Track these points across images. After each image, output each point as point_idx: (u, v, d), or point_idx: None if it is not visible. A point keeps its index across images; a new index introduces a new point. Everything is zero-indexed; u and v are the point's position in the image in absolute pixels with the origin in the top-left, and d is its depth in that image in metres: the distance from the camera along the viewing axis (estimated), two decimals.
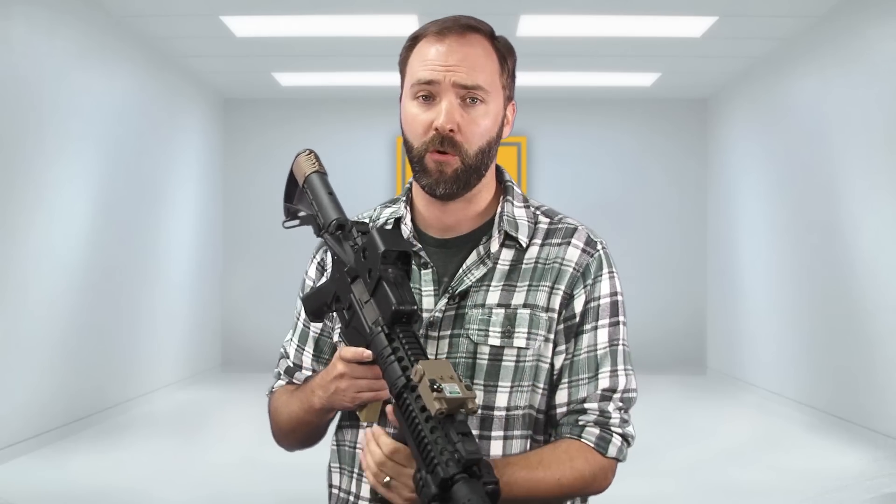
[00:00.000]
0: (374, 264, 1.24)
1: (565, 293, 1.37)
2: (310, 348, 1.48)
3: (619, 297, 1.40)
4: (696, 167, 9.54)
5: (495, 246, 1.38)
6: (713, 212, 9.33)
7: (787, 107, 7.31)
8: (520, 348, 1.34)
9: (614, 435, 1.34)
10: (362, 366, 1.25)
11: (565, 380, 1.36)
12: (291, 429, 1.44)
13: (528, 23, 6.67)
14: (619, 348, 1.38)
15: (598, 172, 9.50)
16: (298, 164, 1.45)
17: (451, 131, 1.31)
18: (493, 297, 1.36)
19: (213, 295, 9.21)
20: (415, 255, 1.38)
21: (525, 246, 1.39)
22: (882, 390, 5.67)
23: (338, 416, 1.45)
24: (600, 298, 1.38)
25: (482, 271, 1.37)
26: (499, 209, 1.41)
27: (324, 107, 9.42)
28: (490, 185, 1.42)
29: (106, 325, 6.55)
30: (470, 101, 1.33)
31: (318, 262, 1.49)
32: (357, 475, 1.40)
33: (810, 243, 6.81)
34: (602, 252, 1.40)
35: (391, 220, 1.45)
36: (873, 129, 5.78)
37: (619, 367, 1.37)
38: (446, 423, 1.09)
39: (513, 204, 1.42)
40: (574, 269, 1.38)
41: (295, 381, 1.49)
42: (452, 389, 1.09)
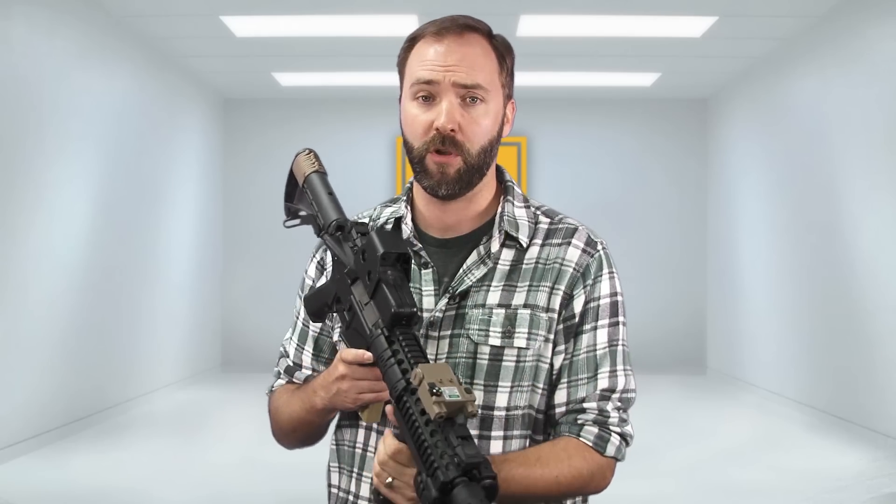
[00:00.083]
0: (373, 266, 1.24)
1: (565, 293, 1.37)
2: (309, 347, 1.48)
3: (619, 298, 1.39)
4: (696, 167, 9.54)
5: (496, 246, 1.38)
6: (713, 212, 9.33)
7: (787, 107, 7.31)
8: (520, 348, 1.34)
9: (612, 434, 1.33)
10: (363, 367, 1.25)
11: (564, 380, 1.36)
12: (292, 428, 1.44)
13: (528, 23, 6.67)
14: (619, 348, 1.37)
15: (598, 172, 9.50)
16: (298, 164, 1.44)
17: (452, 131, 1.31)
18: (494, 297, 1.35)
19: (213, 295, 9.21)
20: (415, 255, 1.38)
21: (525, 246, 1.39)
22: (882, 390, 5.67)
23: (337, 415, 1.45)
24: (600, 299, 1.37)
25: (483, 271, 1.37)
26: (499, 209, 1.40)
27: (324, 107, 9.42)
28: (491, 184, 1.42)
29: (106, 325, 6.55)
30: (470, 100, 1.33)
31: (318, 261, 1.49)
32: (357, 475, 1.40)
33: (810, 243, 6.81)
34: (602, 252, 1.40)
35: (391, 220, 1.44)
36: (873, 129, 5.78)
37: (618, 367, 1.36)
38: (446, 427, 1.09)
39: (513, 204, 1.42)
40: (574, 269, 1.37)
41: (295, 380, 1.49)
42: (452, 393, 1.09)
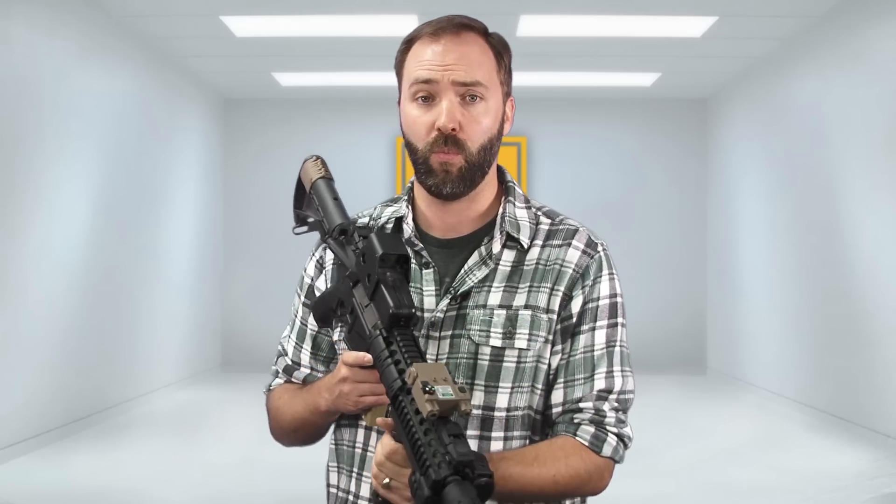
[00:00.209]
0: (372, 268, 1.24)
1: (565, 294, 1.36)
2: (308, 345, 1.48)
3: (619, 299, 1.39)
4: (696, 167, 9.54)
5: (497, 247, 1.38)
6: (713, 212, 9.33)
7: (787, 107, 7.31)
8: (521, 349, 1.34)
9: (609, 434, 1.33)
10: (364, 370, 1.25)
11: (561, 379, 1.36)
12: (294, 428, 1.44)
13: (528, 23, 6.67)
14: (617, 349, 1.37)
15: (598, 172, 9.50)
16: (306, 171, 1.45)
17: (454, 130, 1.31)
18: (495, 298, 1.35)
19: (213, 295, 9.21)
20: (416, 255, 1.38)
21: (526, 247, 1.39)
22: (882, 390, 5.67)
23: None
24: (599, 300, 1.37)
25: (484, 272, 1.36)
26: (500, 210, 1.40)
27: (324, 107, 9.42)
28: (492, 184, 1.42)
29: (106, 325, 6.55)
30: (470, 98, 1.33)
31: (317, 260, 1.49)
32: (357, 474, 1.40)
33: (810, 243, 6.81)
34: (602, 253, 1.40)
35: (392, 220, 1.44)
36: (873, 129, 5.78)
37: (615, 368, 1.36)
38: (439, 425, 1.08)
39: (514, 205, 1.42)
40: (574, 270, 1.37)
41: (294, 379, 1.49)
42: (445, 391, 1.09)
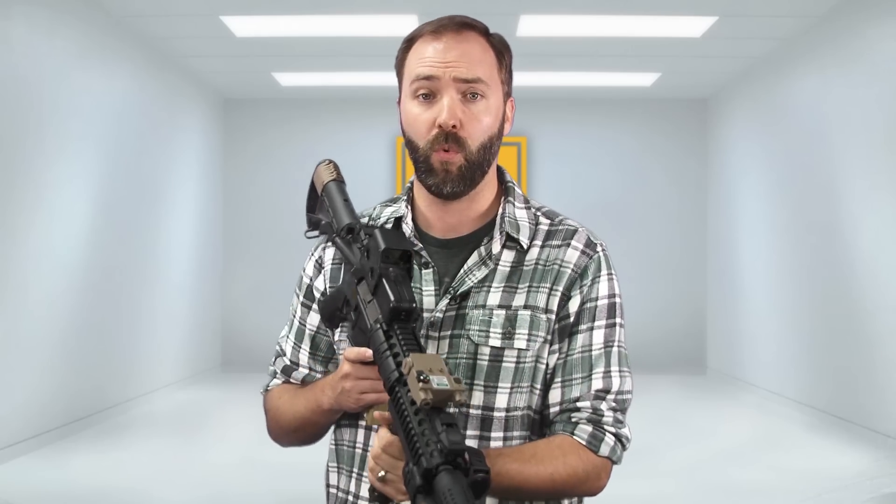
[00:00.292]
0: (375, 263, 1.25)
1: (563, 294, 1.36)
2: (306, 346, 1.48)
3: (618, 300, 1.39)
4: (696, 167, 9.54)
5: (497, 247, 1.38)
6: (713, 212, 9.33)
7: (787, 107, 7.31)
8: (520, 350, 1.34)
9: (607, 434, 1.32)
10: (366, 366, 1.25)
11: (558, 379, 1.35)
12: (295, 428, 1.44)
13: (528, 23, 6.67)
14: (615, 349, 1.36)
15: (598, 172, 9.50)
16: (318, 174, 1.47)
17: (454, 127, 1.31)
18: (494, 298, 1.35)
19: (213, 295, 9.21)
20: (416, 255, 1.38)
21: (526, 247, 1.39)
22: (882, 390, 5.67)
23: None
24: (598, 300, 1.37)
25: (483, 272, 1.36)
26: (500, 210, 1.40)
27: (324, 107, 9.42)
28: (492, 184, 1.42)
29: (106, 325, 6.55)
30: (471, 96, 1.33)
31: (316, 260, 1.48)
32: (357, 475, 1.40)
33: (810, 243, 6.81)
34: (602, 254, 1.39)
35: (392, 220, 1.44)
36: (873, 129, 5.78)
37: (613, 368, 1.35)
38: (433, 415, 1.08)
39: (514, 205, 1.41)
40: (573, 270, 1.37)
41: (292, 379, 1.48)
42: (440, 381, 1.09)
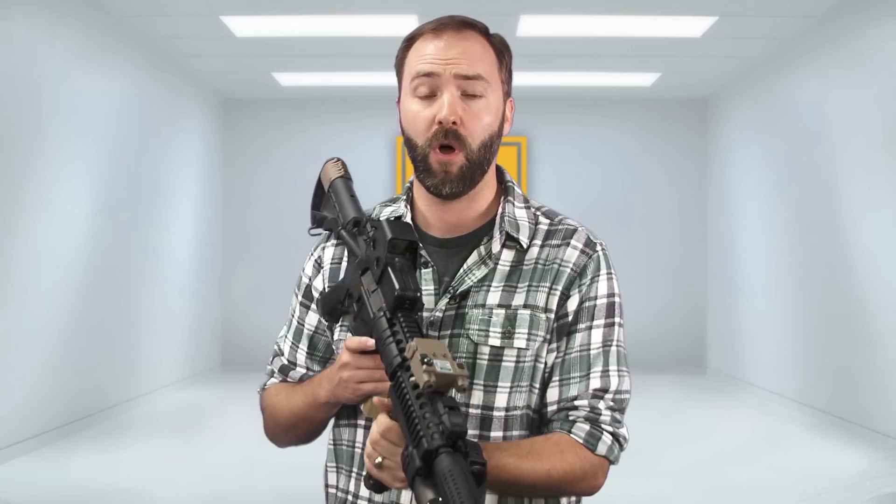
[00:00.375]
0: (381, 253, 1.26)
1: (563, 293, 1.36)
2: (304, 345, 1.47)
3: (617, 299, 1.38)
4: (696, 167, 9.54)
5: (496, 246, 1.37)
6: (713, 212, 9.33)
7: (787, 107, 7.31)
8: (520, 349, 1.34)
9: (604, 433, 1.32)
10: (365, 356, 1.25)
11: (556, 378, 1.35)
12: (292, 424, 1.43)
13: (528, 23, 6.67)
14: (613, 349, 1.36)
15: (598, 172, 9.50)
16: (326, 171, 1.48)
17: (454, 124, 1.31)
18: (494, 297, 1.35)
19: (213, 295, 9.21)
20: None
21: (525, 247, 1.38)
22: (882, 390, 5.67)
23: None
24: (597, 299, 1.37)
25: (483, 272, 1.36)
26: (500, 210, 1.40)
27: (324, 107, 9.42)
28: (491, 184, 1.42)
29: (106, 325, 6.55)
30: (471, 94, 1.33)
31: (316, 260, 1.48)
32: (356, 474, 1.39)
33: (810, 243, 6.81)
34: (601, 253, 1.39)
35: (391, 219, 1.44)
36: (873, 129, 5.78)
37: (611, 367, 1.35)
38: (435, 399, 1.08)
39: (514, 205, 1.41)
40: (572, 269, 1.37)
41: (289, 379, 1.48)
42: (444, 366, 1.09)
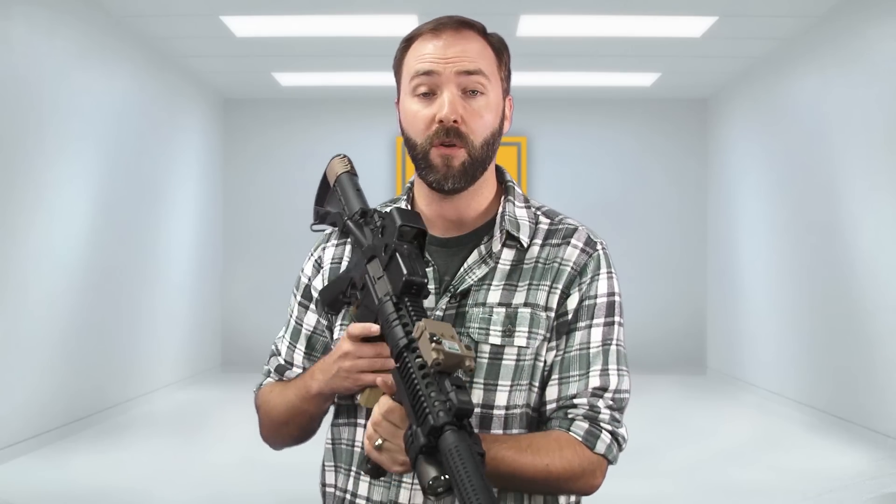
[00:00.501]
0: (390, 240, 1.26)
1: (563, 292, 1.36)
2: (301, 345, 1.47)
3: (617, 298, 1.38)
4: (696, 167, 9.54)
5: (497, 245, 1.38)
6: (713, 212, 9.33)
7: (787, 107, 7.31)
8: (520, 347, 1.34)
9: (603, 431, 1.31)
10: (366, 346, 1.24)
11: (555, 376, 1.35)
12: (285, 420, 1.42)
13: (528, 23, 6.67)
14: (613, 348, 1.36)
15: (598, 172, 9.50)
16: (332, 167, 1.48)
17: (455, 122, 1.31)
18: (494, 296, 1.35)
19: (213, 295, 9.21)
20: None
21: (526, 246, 1.39)
22: (882, 390, 5.67)
23: (332, 413, 1.44)
24: (597, 297, 1.37)
25: (484, 271, 1.36)
26: (500, 209, 1.40)
27: (324, 107, 9.42)
28: (491, 183, 1.42)
29: (106, 325, 6.55)
30: (471, 92, 1.33)
31: (315, 260, 1.48)
32: (355, 473, 1.39)
33: (810, 243, 6.81)
34: (601, 252, 1.39)
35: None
36: (873, 129, 5.78)
37: (610, 366, 1.35)
38: (441, 379, 1.09)
39: (514, 204, 1.42)
40: (572, 268, 1.37)
41: (285, 378, 1.48)
42: (452, 346, 1.10)
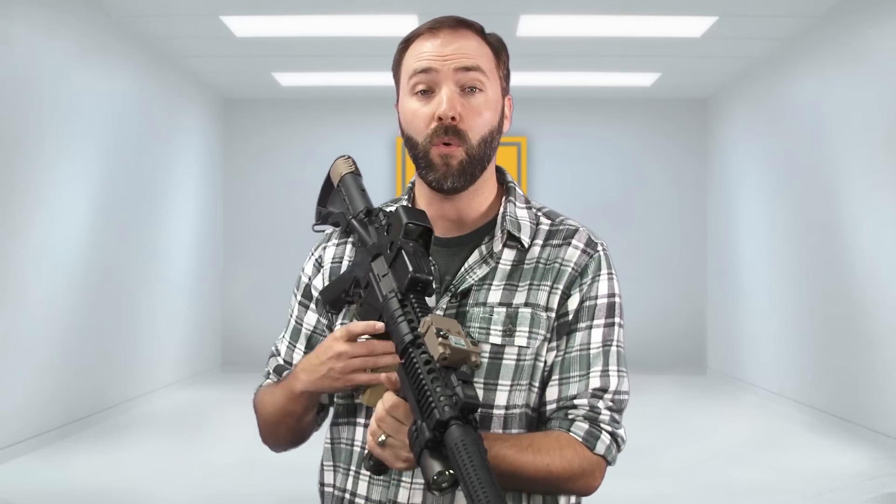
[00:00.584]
0: (395, 237, 1.26)
1: (563, 292, 1.36)
2: (301, 345, 1.47)
3: (617, 299, 1.39)
4: (696, 167, 9.54)
5: (498, 246, 1.38)
6: (713, 212, 9.33)
7: (787, 107, 7.31)
8: (520, 347, 1.34)
9: (603, 432, 1.32)
10: (360, 344, 1.24)
11: (556, 377, 1.35)
12: (277, 421, 1.41)
13: (528, 23, 6.67)
14: (613, 349, 1.36)
15: (598, 172, 9.50)
16: (336, 167, 1.49)
17: (454, 119, 1.31)
18: (495, 296, 1.35)
19: (213, 295, 9.21)
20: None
21: (527, 246, 1.39)
22: (882, 390, 5.67)
23: (331, 413, 1.44)
24: (597, 298, 1.37)
25: (484, 271, 1.36)
26: (501, 209, 1.40)
27: (324, 107, 9.42)
28: (491, 183, 1.42)
29: (106, 325, 6.55)
30: (469, 90, 1.33)
31: (316, 260, 1.48)
32: (354, 472, 1.38)
33: (810, 243, 6.81)
34: (602, 253, 1.40)
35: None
36: (873, 129, 5.78)
37: (610, 367, 1.35)
38: (447, 375, 1.09)
39: (515, 205, 1.42)
40: (573, 268, 1.37)
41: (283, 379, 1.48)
42: (458, 341, 1.10)
